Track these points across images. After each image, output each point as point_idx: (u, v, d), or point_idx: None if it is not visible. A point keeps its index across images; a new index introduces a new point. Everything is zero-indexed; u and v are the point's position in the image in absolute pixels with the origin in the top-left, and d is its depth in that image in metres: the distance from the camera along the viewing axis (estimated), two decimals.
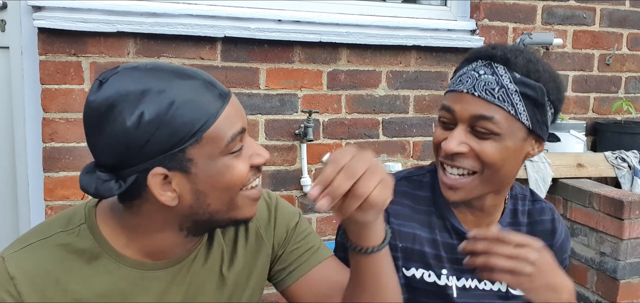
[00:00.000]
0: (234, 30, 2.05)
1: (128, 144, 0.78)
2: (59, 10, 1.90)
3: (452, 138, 1.02)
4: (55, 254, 0.87)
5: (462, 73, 1.05)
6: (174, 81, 0.80)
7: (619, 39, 2.67)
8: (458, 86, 1.04)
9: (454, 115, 1.04)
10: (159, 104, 0.77)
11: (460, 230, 1.12)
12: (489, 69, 1.02)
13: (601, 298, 2.13)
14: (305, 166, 2.21)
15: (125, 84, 0.78)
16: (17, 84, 2.02)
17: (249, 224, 1.02)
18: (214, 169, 0.82)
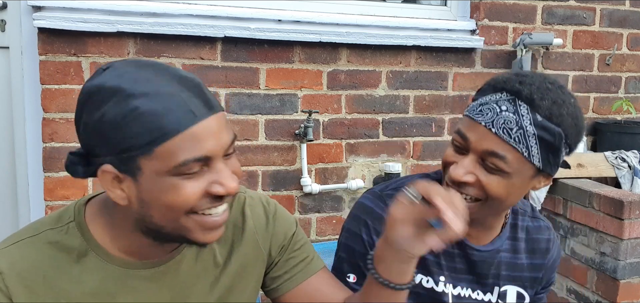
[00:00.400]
0: (234, 30, 2.05)
1: (90, 136, 0.81)
2: (59, 10, 1.90)
3: (460, 166, 1.02)
4: (44, 251, 0.88)
5: (484, 103, 1.02)
6: (150, 88, 0.78)
7: (619, 39, 2.67)
8: (477, 115, 1.02)
9: (467, 143, 1.02)
10: (121, 108, 0.77)
11: (461, 240, 1.13)
12: (511, 106, 0.99)
13: (601, 298, 2.13)
14: (305, 166, 2.21)
15: (109, 78, 0.80)
16: (17, 84, 2.02)
17: (246, 228, 1.01)
18: (159, 185, 0.80)
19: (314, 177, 2.26)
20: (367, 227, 1.13)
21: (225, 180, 0.82)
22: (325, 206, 2.31)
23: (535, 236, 1.21)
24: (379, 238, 1.09)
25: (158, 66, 0.84)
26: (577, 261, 2.24)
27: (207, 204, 0.83)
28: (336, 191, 2.31)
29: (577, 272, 2.24)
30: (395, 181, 1.22)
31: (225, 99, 2.11)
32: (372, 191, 1.19)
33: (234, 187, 0.83)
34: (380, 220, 1.11)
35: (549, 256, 1.21)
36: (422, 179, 1.18)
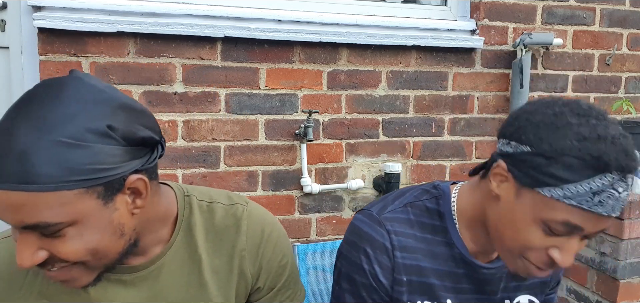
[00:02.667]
0: (234, 30, 2.05)
1: None
2: (59, 10, 1.90)
3: (571, 254, 0.91)
4: (13, 253, 0.88)
5: (599, 191, 0.85)
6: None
7: (619, 39, 2.67)
8: (598, 208, 0.86)
9: (578, 232, 0.89)
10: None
11: (469, 261, 1.09)
12: (624, 185, 0.87)
13: (601, 298, 2.13)
14: (305, 166, 2.21)
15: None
16: (17, 84, 2.02)
17: (238, 242, 0.97)
18: None
19: (314, 177, 2.27)
20: (368, 256, 1.05)
21: (17, 252, 0.75)
22: (325, 206, 2.31)
23: None
24: (381, 268, 1.04)
25: (26, 112, 0.73)
26: (577, 261, 2.24)
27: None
28: (336, 191, 2.32)
29: (577, 272, 2.24)
30: (392, 199, 1.14)
31: (225, 99, 2.12)
32: (368, 214, 1.10)
33: (20, 260, 0.75)
34: (381, 249, 1.05)
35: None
36: (422, 195, 1.12)
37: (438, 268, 1.08)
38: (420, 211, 1.09)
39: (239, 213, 0.99)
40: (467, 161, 2.48)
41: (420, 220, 1.09)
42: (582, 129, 0.86)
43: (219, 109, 2.12)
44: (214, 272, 0.96)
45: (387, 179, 2.28)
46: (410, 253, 1.06)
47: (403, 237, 1.06)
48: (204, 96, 2.09)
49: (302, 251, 1.68)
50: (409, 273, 1.06)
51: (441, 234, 1.08)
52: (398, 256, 1.05)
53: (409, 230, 1.07)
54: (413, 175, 2.41)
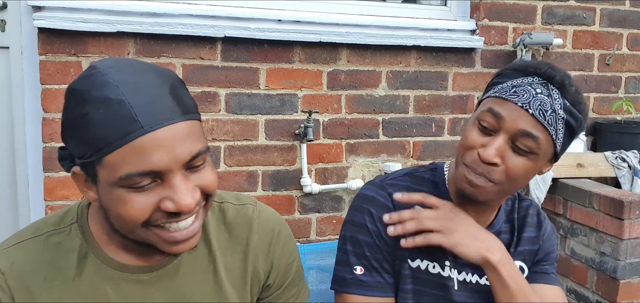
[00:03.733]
0: (234, 30, 2.05)
1: (62, 135, 0.82)
2: (59, 10, 1.90)
3: (492, 147, 1.02)
4: (45, 252, 0.87)
5: (517, 85, 1.04)
6: (101, 93, 0.75)
7: (619, 39, 2.67)
8: (513, 97, 1.02)
9: (500, 123, 1.02)
10: (76, 112, 0.76)
11: None
12: (545, 90, 1.02)
13: (601, 298, 2.13)
14: (305, 166, 2.21)
15: (79, 78, 0.79)
16: (17, 84, 2.02)
17: (250, 242, 0.99)
18: (110, 194, 0.77)
19: (314, 177, 2.27)
20: (371, 216, 1.13)
21: (177, 197, 0.76)
22: (325, 206, 2.31)
23: (525, 213, 1.24)
24: (384, 226, 1.11)
25: (136, 65, 0.80)
26: (577, 261, 2.24)
27: (163, 219, 0.79)
28: (336, 191, 2.32)
29: (577, 272, 2.24)
30: (393, 172, 1.25)
31: (225, 99, 2.11)
32: (372, 182, 1.20)
33: (188, 205, 0.77)
34: (383, 207, 1.13)
35: (543, 229, 1.24)
36: (420, 168, 1.22)
37: None
38: (417, 180, 1.20)
39: (249, 213, 1.01)
40: None
41: (418, 188, 1.17)
42: (526, 59, 1.10)
43: (219, 109, 2.12)
44: (228, 271, 0.98)
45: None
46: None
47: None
48: (204, 95, 2.09)
49: (302, 251, 1.68)
50: (410, 232, 1.11)
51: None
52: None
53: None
54: None
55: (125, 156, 0.74)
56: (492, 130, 1.03)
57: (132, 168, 0.74)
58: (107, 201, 0.79)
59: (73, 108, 0.77)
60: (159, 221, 0.79)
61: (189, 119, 0.78)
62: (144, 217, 0.77)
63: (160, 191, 0.77)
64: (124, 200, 0.76)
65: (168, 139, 0.75)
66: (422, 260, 1.14)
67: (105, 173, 0.76)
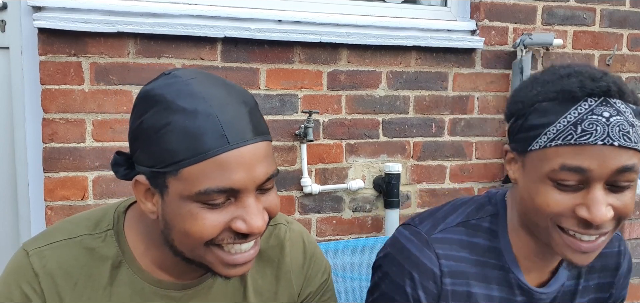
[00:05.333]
0: (234, 31, 2.05)
1: (132, 141, 0.79)
2: (59, 10, 1.90)
3: (599, 204, 0.83)
4: (79, 257, 0.85)
5: (580, 120, 0.83)
6: (189, 104, 0.73)
7: (619, 39, 2.67)
8: (585, 138, 0.82)
9: (587, 175, 0.83)
10: (157, 120, 0.74)
11: (525, 287, 1.00)
12: (610, 109, 0.83)
13: None
14: (305, 166, 2.21)
15: (159, 84, 0.78)
16: (17, 84, 2.02)
17: (283, 263, 0.98)
18: (180, 209, 0.75)
19: (314, 177, 2.27)
20: (413, 281, 0.97)
21: (250, 218, 0.76)
22: (325, 206, 2.31)
23: (602, 251, 1.04)
24: (425, 294, 0.96)
25: (215, 79, 0.79)
26: None
27: (229, 238, 0.78)
28: (336, 191, 2.32)
29: None
30: (442, 213, 1.04)
31: None
32: (416, 232, 1.01)
33: (259, 227, 0.76)
34: (429, 274, 0.97)
35: (619, 273, 1.08)
36: (477, 213, 1.02)
37: (488, 294, 1.00)
38: (474, 232, 1.01)
39: (281, 235, 1.00)
40: (467, 162, 2.48)
41: (474, 241, 1.00)
42: (545, 76, 0.89)
43: None
44: (258, 293, 0.96)
45: (387, 179, 2.28)
46: (461, 278, 0.98)
47: (454, 261, 0.98)
48: None
49: None
50: (457, 299, 0.99)
51: (495, 256, 1.00)
52: (447, 284, 0.97)
53: (461, 253, 0.99)
54: (413, 176, 2.41)
55: (207, 170, 0.73)
56: (579, 184, 0.85)
57: (212, 183, 0.73)
58: (173, 215, 0.76)
59: (153, 115, 0.74)
60: (224, 241, 0.78)
61: (265, 140, 0.78)
62: (213, 235, 0.76)
63: (232, 210, 0.76)
64: (195, 216, 0.75)
65: (249, 159, 0.74)
66: None
67: (180, 186, 0.74)
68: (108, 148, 1.99)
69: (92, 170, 1.97)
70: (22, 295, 0.83)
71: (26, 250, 0.85)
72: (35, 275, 0.83)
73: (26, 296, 0.83)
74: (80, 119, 1.95)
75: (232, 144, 0.73)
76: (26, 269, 0.83)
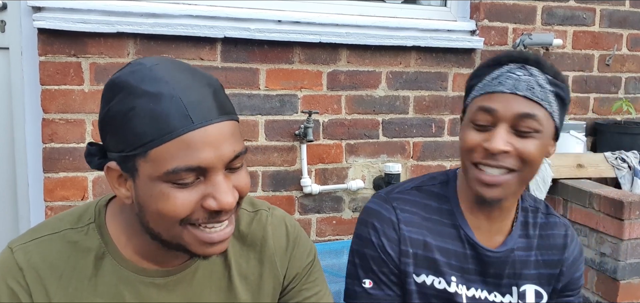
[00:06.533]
0: (233, 31, 2.05)
1: (101, 129, 0.81)
2: (59, 11, 1.90)
3: (497, 137, 1.02)
4: (62, 250, 0.87)
5: (498, 75, 1.06)
6: (153, 87, 0.76)
7: (619, 39, 2.67)
8: (498, 86, 1.04)
9: (495, 115, 1.04)
10: (123, 106, 0.76)
11: (473, 241, 1.14)
12: (525, 71, 1.04)
13: (601, 299, 2.13)
14: (305, 166, 2.21)
15: (124, 72, 0.80)
16: (17, 84, 2.02)
17: (266, 248, 0.99)
18: (151, 190, 0.77)
19: (313, 178, 2.26)
20: (376, 230, 1.14)
21: (220, 195, 0.77)
22: (325, 206, 2.31)
23: (549, 232, 1.21)
24: (388, 240, 1.13)
25: (179, 64, 0.82)
26: None
27: (203, 218, 0.79)
28: (336, 191, 2.31)
29: None
30: (400, 183, 1.23)
31: None
32: (378, 195, 1.20)
33: (229, 203, 0.78)
34: (388, 222, 1.14)
35: (567, 253, 1.20)
36: (429, 181, 1.22)
37: (443, 246, 1.14)
38: (427, 195, 1.18)
39: (263, 219, 1.01)
40: None
41: (426, 203, 1.17)
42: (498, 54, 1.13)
43: None
44: (243, 278, 0.98)
45: (387, 179, 2.28)
46: (416, 227, 1.14)
47: (409, 214, 1.15)
48: None
49: None
50: (415, 246, 1.13)
51: (447, 217, 1.16)
52: (404, 230, 1.13)
53: (415, 209, 1.16)
54: (413, 176, 2.41)
55: (174, 150, 0.74)
56: (490, 125, 1.04)
57: (180, 162, 0.75)
58: (146, 197, 0.78)
59: (119, 101, 0.77)
60: (199, 220, 0.79)
61: (232, 119, 0.80)
62: (185, 213, 0.77)
63: (202, 188, 0.78)
64: (166, 195, 0.76)
65: (215, 137, 0.76)
66: (427, 275, 1.14)
67: (149, 167, 0.76)
68: None
69: (92, 170, 1.97)
70: (8, 290, 0.84)
71: (11, 247, 0.87)
72: (20, 270, 0.85)
73: (12, 291, 0.84)
74: (80, 120, 1.95)
75: (196, 123, 0.75)
76: (11, 265, 0.85)
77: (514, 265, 1.16)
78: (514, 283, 1.17)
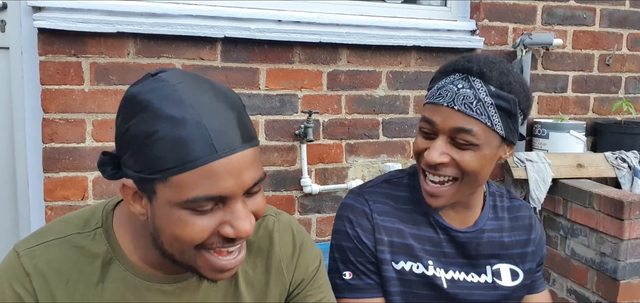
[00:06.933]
0: (234, 31, 2.05)
1: (119, 144, 0.80)
2: (59, 10, 1.90)
3: (433, 149, 1.08)
4: (70, 256, 0.86)
5: (441, 86, 1.09)
6: (177, 112, 0.74)
7: (619, 39, 2.67)
8: (438, 99, 1.08)
9: (434, 127, 1.09)
10: (145, 128, 0.74)
11: (444, 225, 1.19)
12: (466, 83, 1.07)
13: (601, 299, 2.13)
14: (305, 166, 2.21)
15: (145, 88, 0.77)
16: (17, 84, 2.02)
17: (273, 254, 0.99)
18: (169, 215, 0.76)
19: (314, 177, 2.26)
20: (351, 222, 1.18)
21: (238, 223, 0.77)
22: (325, 206, 2.31)
23: (516, 214, 1.27)
24: (362, 230, 1.17)
25: (202, 83, 0.79)
26: (577, 261, 2.24)
27: (218, 243, 0.79)
28: (336, 191, 2.31)
29: (577, 272, 2.24)
30: (373, 179, 1.28)
31: None
32: (352, 191, 1.26)
33: (247, 231, 0.78)
34: (361, 213, 1.19)
35: (534, 232, 1.27)
36: (398, 174, 1.27)
37: (416, 233, 1.19)
38: (396, 186, 1.23)
39: (270, 226, 1.01)
40: None
41: (396, 194, 1.22)
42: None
43: None
44: (249, 285, 0.98)
45: None
46: (389, 216, 1.19)
47: (381, 204, 1.20)
48: None
49: None
50: (389, 234, 1.17)
51: (418, 206, 1.20)
52: (377, 219, 1.17)
53: (387, 200, 1.21)
54: None
55: (196, 179, 0.74)
56: (432, 134, 1.10)
57: (201, 191, 0.74)
58: (163, 221, 0.77)
59: (140, 122, 0.74)
60: (214, 245, 0.79)
61: (253, 146, 0.79)
62: (202, 239, 0.77)
63: (221, 215, 0.77)
64: (184, 222, 0.76)
65: (237, 166, 0.76)
66: (405, 262, 1.17)
67: (168, 193, 0.75)
68: (108, 148, 1.98)
69: (92, 170, 1.97)
70: (14, 295, 0.84)
71: (17, 251, 0.86)
72: (27, 275, 0.84)
73: (18, 296, 0.84)
74: (80, 119, 1.95)
75: (220, 153, 0.74)
76: (17, 269, 0.85)
77: (488, 246, 1.21)
78: (488, 263, 1.22)
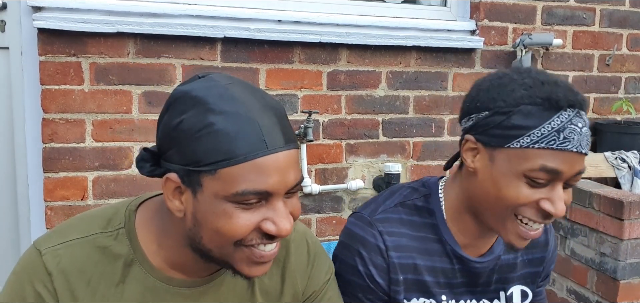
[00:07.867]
0: (233, 31, 2.05)
1: (166, 140, 0.81)
2: (59, 10, 1.90)
3: (559, 200, 0.95)
4: (92, 256, 0.86)
5: (562, 128, 0.92)
6: (231, 107, 0.77)
7: (618, 39, 2.67)
8: (565, 144, 0.92)
9: (557, 176, 0.94)
10: (198, 121, 0.76)
11: (460, 256, 1.11)
12: (581, 120, 0.94)
13: (601, 299, 2.13)
14: (305, 166, 2.21)
15: (197, 87, 0.80)
16: (17, 84, 2.02)
17: (288, 264, 1.00)
18: (214, 207, 0.78)
19: (314, 177, 2.27)
20: (362, 258, 1.08)
21: (279, 220, 0.79)
22: (325, 206, 2.31)
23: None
24: (376, 269, 1.07)
25: (248, 86, 0.82)
26: (577, 261, 2.24)
27: (257, 239, 0.81)
28: (336, 191, 2.31)
29: (577, 272, 2.24)
30: (382, 199, 1.16)
31: None
32: (360, 216, 1.13)
33: (287, 230, 0.80)
34: (375, 250, 1.08)
35: (548, 249, 1.21)
36: (412, 194, 1.15)
37: (431, 265, 1.11)
38: (410, 210, 1.12)
39: (286, 236, 1.02)
40: None
41: (411, 219, 1.12)
42: (526, 80, 0.97)
43: None
44: (265, 293, 0.98)
45: (387, 179, 2.28)
46: (405, 251, 1.09)
47: (396, 237, 1.09)
48: None
49: None
50: (405, 271, 1.09)
51: (432, 231, 1.11)
52: (393, 256, 1.08)
53: (402, 229, 1.10)
54: (413, 176, 2.41)
55: (245, 172, 0.76)
56: (547, 182, 0.95)
57: (249, 185, 0.76)
58: (207, 214, 0.78)
59: (195, 115, 0.77)
60: (253, 241, 0.81)
61: (295, 148, 0.82)
62: (244, 234, 0.79)
63: (263, 211, 0.79)
64: (229, 215, 0.77)
65: (284, 164, 0.78)
66: (418, 298, 1.11)
67: (216, 185, 0.76)
68: (108, 148, 1.99)
69: (91, 170, 1.98)
70: (35, 294, 0.84)
71: (39, 249, 0.86)
72: (48, 274, 0.84)
73: (39, 295, 0.84)
74: (80, 119, 1.95)
75: (270, 148, 0.77)
76: (39, 268, 0.84)
77: (501, 270, 1.15)
78: (502, 288, 1.16)
